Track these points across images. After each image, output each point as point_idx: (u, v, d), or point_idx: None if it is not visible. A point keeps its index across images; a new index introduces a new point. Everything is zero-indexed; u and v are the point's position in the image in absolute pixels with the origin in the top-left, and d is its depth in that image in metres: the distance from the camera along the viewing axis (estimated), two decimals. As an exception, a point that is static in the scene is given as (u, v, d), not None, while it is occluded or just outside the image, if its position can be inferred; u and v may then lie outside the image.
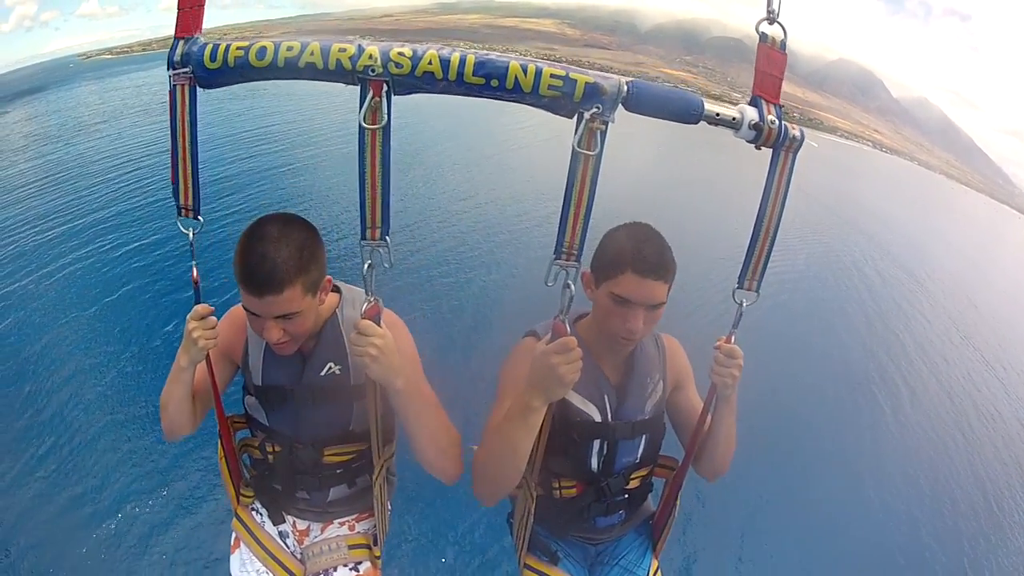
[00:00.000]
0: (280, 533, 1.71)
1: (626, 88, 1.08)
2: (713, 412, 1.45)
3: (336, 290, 1.54)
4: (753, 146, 1.20)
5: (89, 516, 3.69)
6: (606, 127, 1.07)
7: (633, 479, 1.59)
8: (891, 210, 21.44)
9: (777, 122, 1.16)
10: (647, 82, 1.12)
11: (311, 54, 1.08)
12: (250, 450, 1.68)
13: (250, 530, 1.69)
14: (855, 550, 4.46)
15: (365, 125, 1.09)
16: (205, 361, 1.43)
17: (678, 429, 1.62)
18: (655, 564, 1.72)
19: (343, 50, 1.07)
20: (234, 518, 1.72)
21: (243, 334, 1.52)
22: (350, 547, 1.70)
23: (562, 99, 1.07)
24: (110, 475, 4.01)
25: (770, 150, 1.20)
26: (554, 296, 1.15)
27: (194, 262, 1.36)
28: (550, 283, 1.14)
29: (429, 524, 3.83)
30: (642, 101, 1.09)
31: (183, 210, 1.29)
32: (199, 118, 1.23)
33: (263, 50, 1.10)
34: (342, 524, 1.74)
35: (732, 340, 1.37)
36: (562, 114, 1.09)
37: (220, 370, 1.51)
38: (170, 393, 1.44)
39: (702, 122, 1.16)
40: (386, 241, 1.19)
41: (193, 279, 1.38)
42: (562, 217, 1.12)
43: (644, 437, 1.55)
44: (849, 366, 7.31)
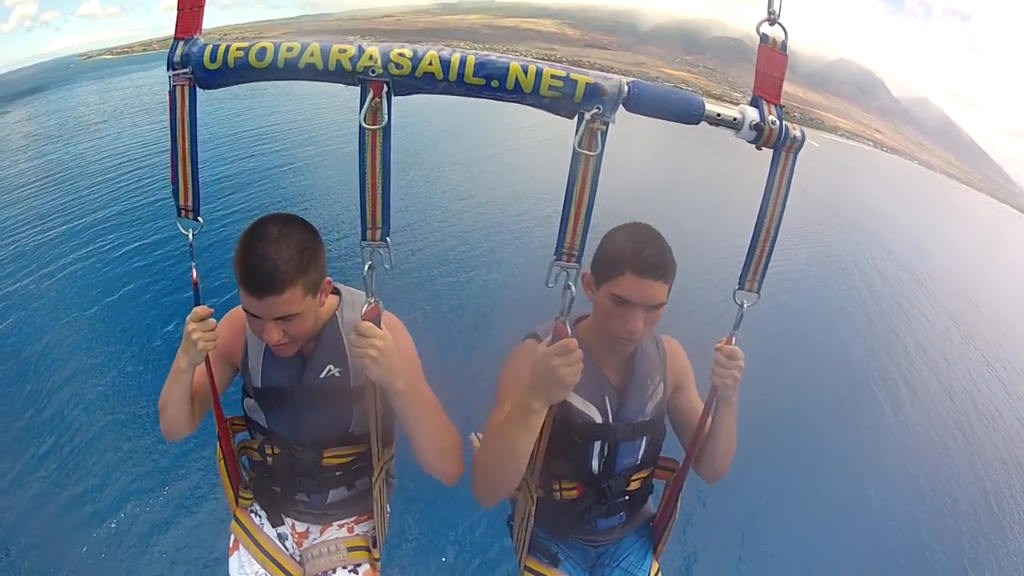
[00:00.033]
0: (279, 535, 1.71)
1: (627, 89, 1.07)
2: (713, 413, 1.44)
3: (336, 292, 1.54)
4: (754, 146, 1.20)
5: (90, 515, 3.70)
6: (607, 128, 1.07)
7: (634, 481, 1.58)
8: (892, 210, 21.43)
9: (778, 123, 1.16)
10: (648, 82, 1.11)
11: (311, 55, 1.08)
12: (249, 452, 1.67)
13: (249, 532, 1.69)
14: (855, 550, 4.46)
15: (365, 126, 1.09)
16: (204, 363, 1.42)
17: (679, 431, 1.62)
18: (656, 566, 1.72)
19: (343, 51, 1.07)
20: (233, 520, 1.71)
21: (242, 336, 1.52)
22: (349, 549, 1.69)
23: (563, 100, 1.06)
24: (111, 474, 4.01)
25: (771, 150, 1.20)
26: (555, 295, 1.14)
27: (194, 263, 1.36)
28: (551, 284, 1.14)
29: (429, 523, 3.83)
30: (643, 102, 1.09)
31: (183, 211, 1.28)
32: (199, 118, 1.23)
33: (263, 51, 1.10)
34: (341, 526, 1.73)
35: (733, 341, 1.36)
36: (563, 115, 1.09)
37: (219, 372, 1.50)
38: (169, 394, 1.43)
39: (703, 122, 1.15)
40: (386, 242, 1.18)
41: (193, 280, 1.37)
42: (563, 218, 1.11)
43: (645, 438, 1.55)
44: (850, 365, 7.31)
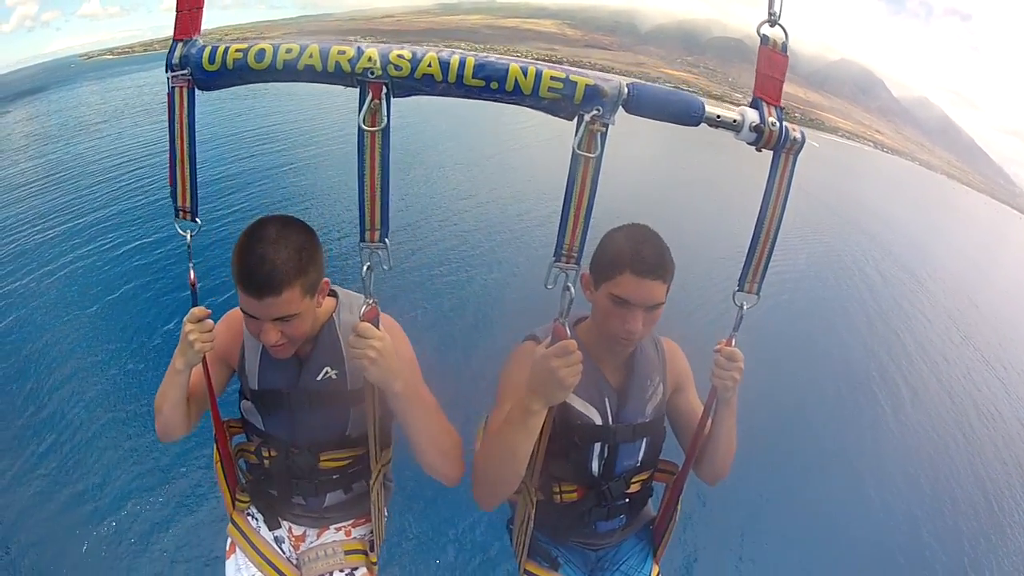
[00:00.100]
0: (276, 538, 1.70)
1: (626, 90, 1.07)
2: (713, 415, 1.44)
3: (333, 294, 1.53)
4: (753, 148, 1.19)
5: (90, 513, 3.70)
6: (606, 129, 1.07)
7: (634, 483, 1.58)
8: (892, 210, 21.42)
9: (778, 124, 1.16)
10: (648, 84, 1.11)
11: (310, 56, 1.08)
12: (246, 455, 1.66)
13: (245, 535, 1.68)
14: (855, 550, 4.46)
15: (364, 127, 1.08)
16: (202, 364, 1.42)
17: (678, 432, 1.62)
18: (656, 569, 1.71)
19: (342, 52, 1.07)
20: (229, 523, 1.71)
21: (240, 338, 1.51)
22: (346, 552, 1.69)
23: (562, 101, 1.06)
24: (111, 473, 4.01)
25: (771, 152, 1.19)
26: (556, 295, 1.14)
27: (191, 264, 1.35)
28: (550, 286, 1.13)
29: (429, 522, 3.82)
30: (642, 103, 1.08)
31: (181, 212, 1.28)
32: (199, 117, 1.23)
33: (262, 52, 1.09)
34: (338, 529, 1.73)
35: (733, 343, 1.36)
36: (562, 116, 1.08)
37: (216, 374, 1.50)
38: (165, 395, 1.43)
39: (703, 124, 1.15)
40: (385, 243, 1.18)
41: (190, 281, 1.37)
42: (562, 219, 1.11)
43: (645, 440, 1.54)
44: (850, 365, 7.30)
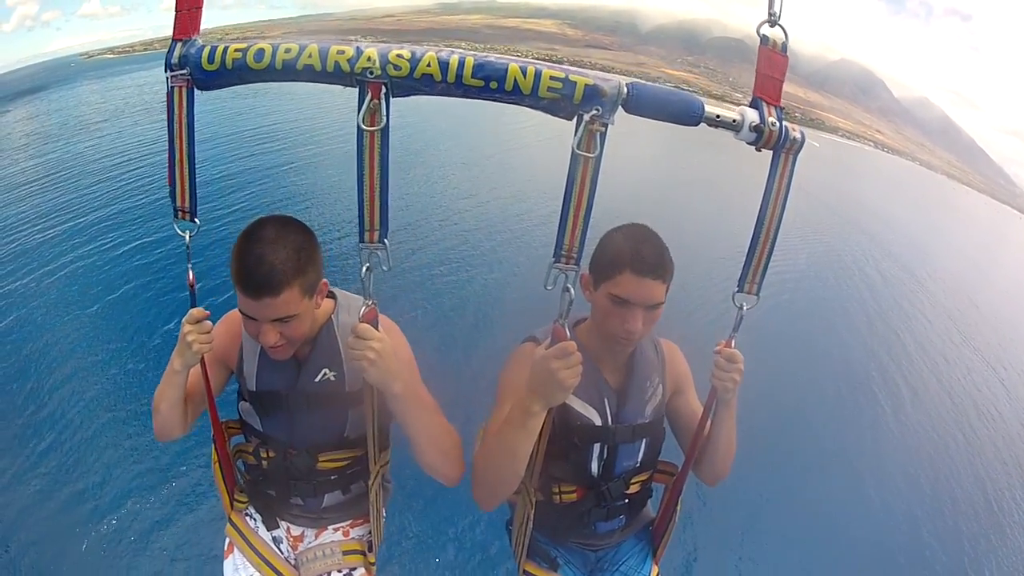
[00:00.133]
0: (274, 539, 1.70)
1: (626, 90, 1.07)
2: (713, 416, 1.44)
3: (331, 296, 1.53)
4: (753, 148, 1.19)
5: (90, 512, 3.70)
6: (605, 129, 1.06)
7: (633, 483, 1.58)
8: (892, 210, 21.40)
9: (778, 124, 1.15)
10: (647, 84, 1.11)
11: (309, 56, 1.07)
12: (244, 456, 1.66)
13: (244, 535, 1.68)
14: (855, 550, 4.46)
15: (363, 127, 1.08)
16: (200, 365, 1.42)
17: (678, 434, 1.61)
18: (655, 570, 1.71)
19: (341, 52, 1.06)
20: (228, 523, 1.71)
21: (238, 339, 1.51)
22: (344, 553, 1.69)
23: (561, 101, 1.06)
24: (111, 472, 4.02)
25: (770, 152, 1.19)
26: (556, 295, 1.14)
27: (190, 264, 1.35)
28: (549, 287, 1.13)
29: (429, 521, 3.83)
30: (642, 103, 1.08)
31: (180, 212, 1.28)
32: (199, 117, 1.22)
33: (261, 52, 1.09)
34: (336, 530, 1.73)
35: (732, 344, 1.36)
36: (561, 116, 1.08)
37: (214, 375, 1.50)
38: (162, 395, 1.43)
39: (702, 124, 1.15)
40: (384, 244, 1.17)
41: (189, 282, 1.37)
42: (561, 220, 1.11)
43: (644, 441, 1.54)
44: (850, 365, 7.30)
